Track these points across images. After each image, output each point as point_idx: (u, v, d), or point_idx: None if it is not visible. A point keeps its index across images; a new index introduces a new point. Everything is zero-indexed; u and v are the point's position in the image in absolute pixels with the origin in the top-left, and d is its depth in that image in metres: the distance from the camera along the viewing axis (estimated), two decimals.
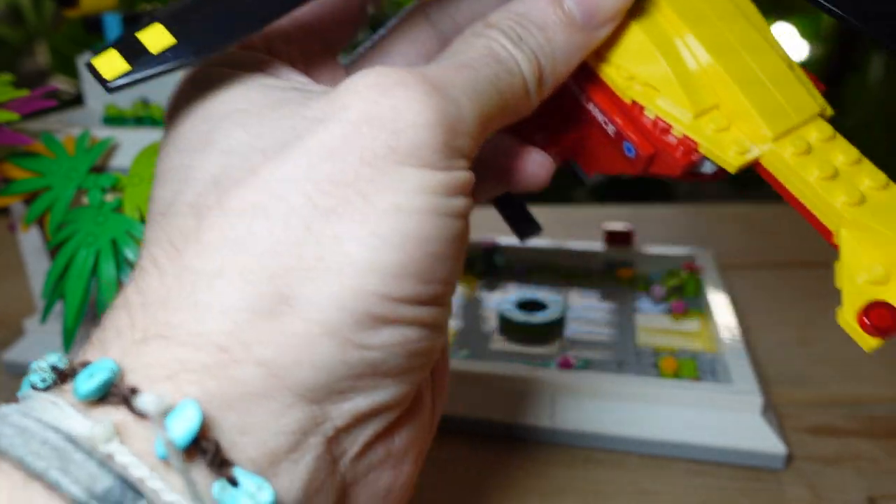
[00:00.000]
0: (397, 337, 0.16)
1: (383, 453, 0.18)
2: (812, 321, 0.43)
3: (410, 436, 0.18)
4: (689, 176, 0.20)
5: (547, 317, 0.40)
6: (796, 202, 0.18)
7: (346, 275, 0.15)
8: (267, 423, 0.15)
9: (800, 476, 0.30)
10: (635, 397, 0.31)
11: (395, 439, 0.18)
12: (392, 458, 0.18)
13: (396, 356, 0.16)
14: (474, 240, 0.50)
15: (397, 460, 0.18)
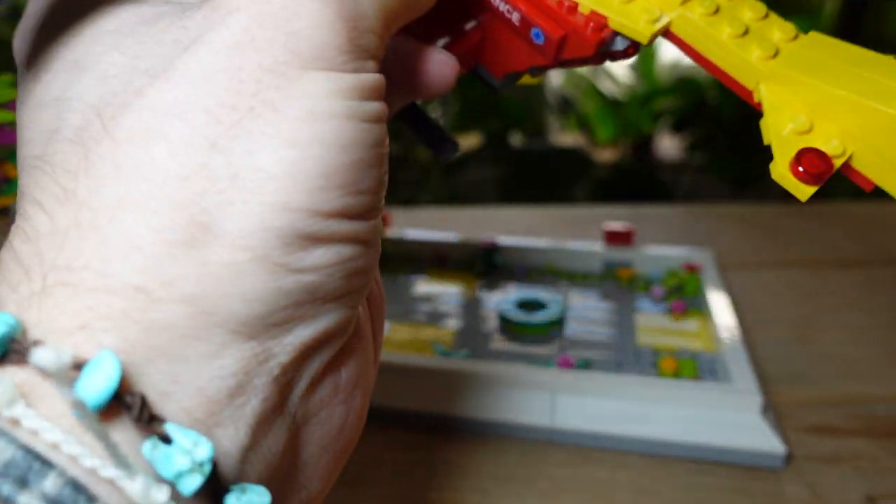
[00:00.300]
0: (332, 256, 0.14)
1: (332, 388, 0.16)
2: (811, 321, 0.43)
3: (357, 367, 0.17)
4: (601, 58, 0.19)
5: (547, 317, 0.40)
6: (713, 66, 0.18)
7: (266, 192, 0.13)
8: (200, 367, 0.13)
9: (799, 475, 0.30)
10: (635, 397, 0.31)
11: (342, 372, 0.17)
12: (341, 393, 0.17)
13: (334, 278, 0.15)
14: (475, 240, 0.50)
15: (347, 394, 0.17)
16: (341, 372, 0.17)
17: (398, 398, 0.33)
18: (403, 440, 0.32)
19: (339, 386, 0.17)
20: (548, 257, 0.49)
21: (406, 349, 0.38)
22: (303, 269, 0.14)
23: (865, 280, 0.49)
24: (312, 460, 0.17)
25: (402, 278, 0.48)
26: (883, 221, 0.61)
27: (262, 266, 0.14)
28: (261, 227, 0.13)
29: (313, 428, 0.16)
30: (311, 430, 0.16)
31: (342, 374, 0.17)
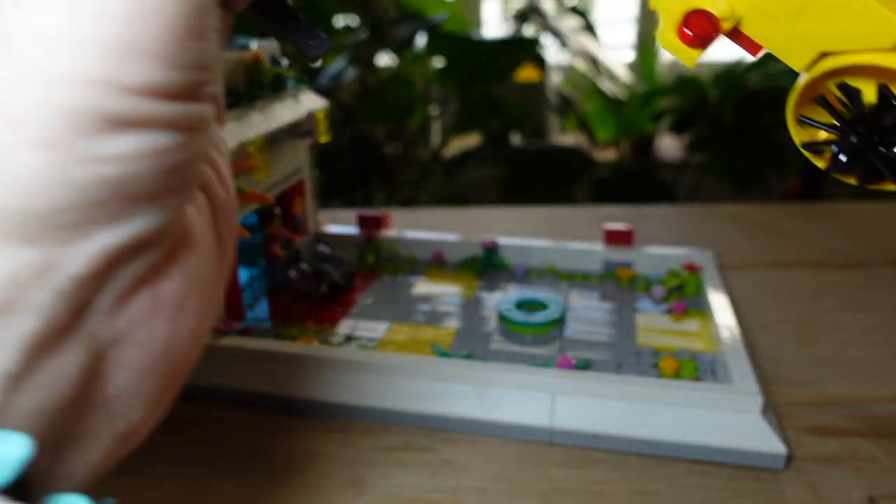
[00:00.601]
0: (143, 144, 0.12)
1: (150, 304, 0.14)
2: (812, 321, 0.43)
3: (185, 281, 0.15)
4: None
5: (546, 317, 0.40)
6: None
7: (51, 56, 0.11)
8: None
9: (800, 476, 0.30)
10: (635, 397, 0.31)
11: (163, 286, 0.14)
12: (165, 309, 0.15)
13: (146, 172, 0.12)
14: (474, 240, 0.50)
15: (173, 310, 0.15)
16: (161, 286, 0.14)
17: (397, 398, 0.33)
18: (402, 441, 0.32)
19: (160, 302, 0.14)
20: (548, 257, 0.49)
21: (406, 349, 0.38)
22: (103, 159, 0.11)
23: (866, 280, 0.49)
24: (129, 386, 0.14)
25: (402, 278, 0.47)
26: (883, 221, 0.61)
27: (50, 152, 0.11)
28: (46, 102, 0.11)
29: (127, 350, 0.14)
30: (124, 353, 0.14)
31: (163, 287, 0.14)
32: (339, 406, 0.33)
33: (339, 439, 0.32)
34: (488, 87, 1.49)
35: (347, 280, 0.46)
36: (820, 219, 0.62)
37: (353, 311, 0.43)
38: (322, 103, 0.46)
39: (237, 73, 0.40)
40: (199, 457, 0.31)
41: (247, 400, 0.35)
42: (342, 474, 0.30)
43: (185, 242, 0.15)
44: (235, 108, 0.38)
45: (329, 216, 0.63)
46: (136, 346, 0.14)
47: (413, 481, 0.30)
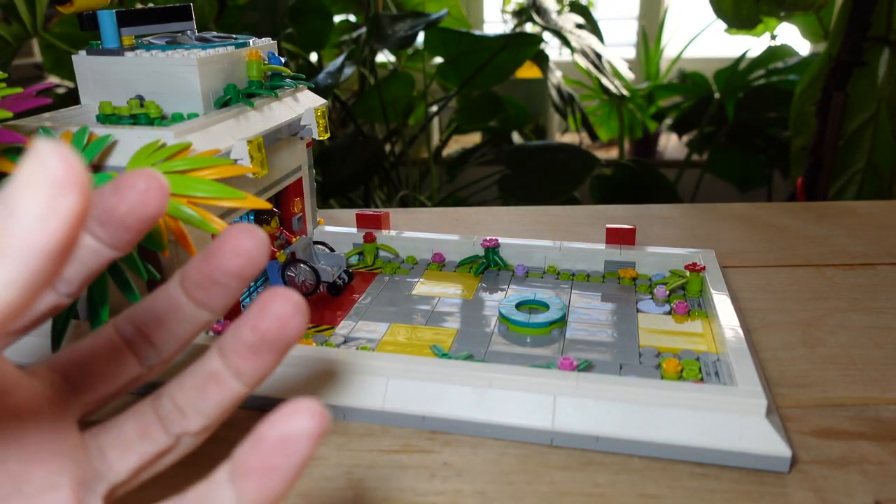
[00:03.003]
0: None
1: None
2: (817, 322, 0.43)
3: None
4: None
5: (548, 318, 0.39)
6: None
7: None
8: None
9: (805, 479, 0.29)
10: (637, 399, 0.31)
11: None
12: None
13: None
14: (475, 239, 0.49)
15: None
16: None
17: (397, 400, 0.33)
18: (401, 443, 0.32)
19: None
20: (549, 257, 0.48)
21: (405, 350, 0.38)
22: None
23: (871, 281, 0.48)
24: None
25: (402, 278, 0.47)
26: (889, 221, 0.61)
27: None
28: None
29: None
30: None
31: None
32: (337, 408, 0.33)
33: (337, 441, 0.32)
34: (489, 86, 1.48)
35: (346, 280, 0.46)
36: (825, 218, 0.62)
37: (352, 312, 0.42)
38: (321, 102, 0.45)
39: (237, 72, 0.39)
40: (198, 458, 0.31)
41: (246, 402, 0.34)
42: (341, 477, 0.30)
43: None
44: (234, 106, 0.38)
45: (328, 216, 0.63)
46: None
47: (412, 484, 0.29)
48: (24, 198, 0.14)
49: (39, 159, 0.14)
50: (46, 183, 0.14)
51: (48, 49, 1.30)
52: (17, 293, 0.14)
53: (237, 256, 0.21)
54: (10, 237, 0.14)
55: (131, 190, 0.19)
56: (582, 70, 1.84)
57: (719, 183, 1.86)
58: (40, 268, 0.14)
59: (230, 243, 0.20)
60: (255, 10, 1.23)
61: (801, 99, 1.15)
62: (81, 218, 0.14)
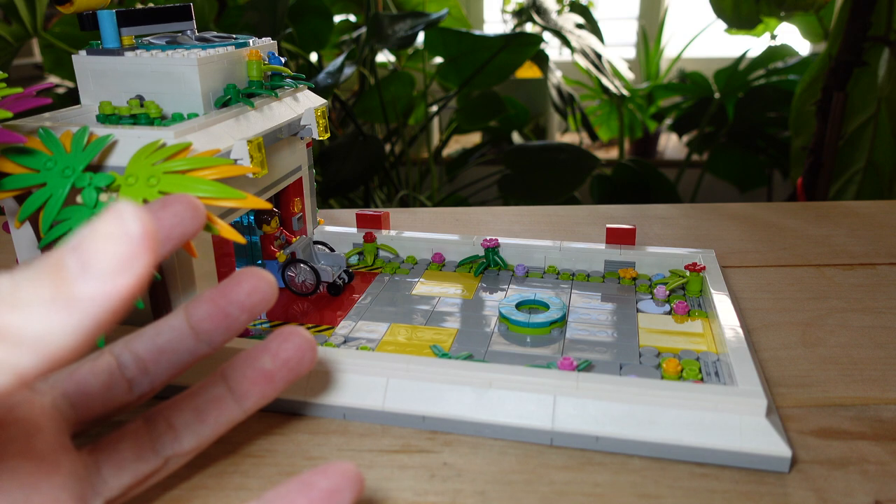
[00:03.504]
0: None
1: None
2: (817, 322, 0.43)
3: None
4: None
5: (548, 318, 0.39)
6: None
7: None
8: None
9: (805, 479, 0.29)
10: (637, 399, 0.31)
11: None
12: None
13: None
14: (475, 239, 0.49)
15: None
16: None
17: (397, 400, 0.33)
18: (401, 443, 0.32)
19: None
20: (549, 257, 0.48)
21: (405, 350, 0.38)
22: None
23: (871, 281, 0.48)
24: None
25: (402, 278, 0.47)
26: (889, 221, 0.61)
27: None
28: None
29: None
30: None
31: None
32: (337, 408, 0.33)
33: (337, 441, 0.32)
34: (489, 86, 1.48)
35: (346, 280, 0.46)
36: (825, 218, 0.62)
37: (352, 312, 0.42)
38: (321, 102, 0.45)
39: (237, 72, 0.39)
40: (198, 459, 0.31)
41: None
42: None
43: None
44: (234, 106, 0.38)
45: (328, 216, 0.63)
46: None
47: (412, 484, 0.29)
48: (100, 252, 0.14)
49: (120, 218, 0.15)
50: (125, 242, 0.14)
51: (48, 49, 1.30)
52: (77, 342, 0.14)
53: (253, 293, 0.23)
54: (82, 288, 0.14)
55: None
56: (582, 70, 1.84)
57: (719, 183, 1.86)
58: (103, 320, 0.15)
59: (249, 282, 0.23)
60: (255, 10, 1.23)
61: (801, 99, 1.15)
62: (147, 278, 0.15)
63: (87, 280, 0.14)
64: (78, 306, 0.14)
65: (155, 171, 0.29)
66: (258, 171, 0.34)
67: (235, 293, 0.23)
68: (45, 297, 0.14)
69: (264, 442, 0.32)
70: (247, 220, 0.44)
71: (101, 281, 0.14)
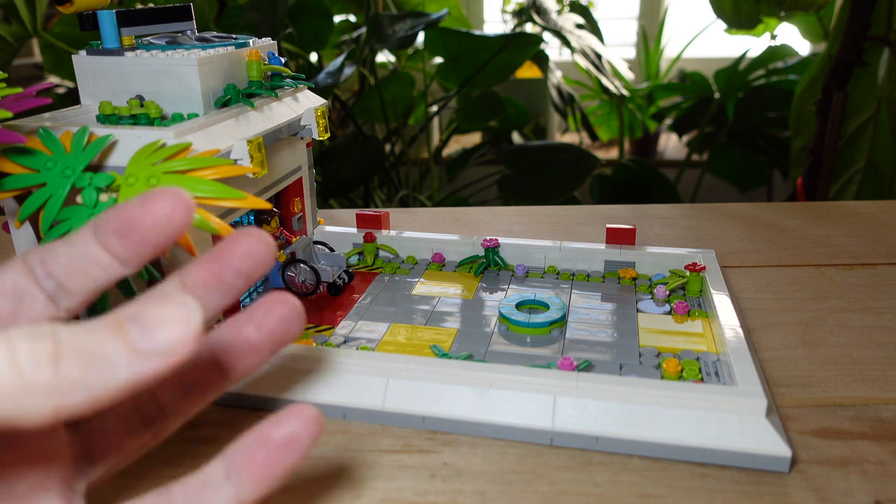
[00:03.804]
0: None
1: None
2: (817, 322, 0.43)
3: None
4: None
5: (548, 318, 0.39)
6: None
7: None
8: None
9: (805, 479, 0.29)
10: (637, 399, 0.31)
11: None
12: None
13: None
14: (475, 239, 0.49)
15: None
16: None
17: (397, 400, 0.33)
18: (401, 443, 0.32)
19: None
20: (549, 257, 0.48)
21: (405, 350, 0.38)
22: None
23: (871, 281, 0.48)
24: None
25: (402, 278, 0.47)
26: (889, 221, 0.61)
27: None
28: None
29: None
30: None
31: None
32: (337, 407, 0.33)
33: (337, 441, 0.32)
34: (489, 86, 1.48)
35: (346, 280, 0.46)
36: (825, 218, 0.62)
37: (352, 312, 0.42)
38: (321, 102, 0.45)
39: (237, 72, 0.39)
40: (198, 459, 0.31)
41: (245, 402, 0.34)
42: (341, 477, 0.30)
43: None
44: (234, 106, 0.38)
45: (328, 216, 0.63)
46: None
47: (413, 484, 0.29)
48: (161, 330, 0.17)
49: (188, 310, 0.17)
50: (182, 329, 0.17)
51: (48, 49, 1.30)
52: (96, 402, 0.16)
53: (248, 257, 0.22)
54: (143, 346, 0.16)
55: (159, 205, 0.20)
56: (582, 70, 1.84)
57: (719, 183, 1.86)
58: (127, 390, 0.17)
59: (243, 245, 0.22)
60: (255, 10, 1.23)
61: (801, 99, 1.15)
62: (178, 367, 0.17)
63: (141, 349, 0.16)
64: (129, 367, 0.16)
65: (155, 171, 0.29)
66: (258, 171, 0.34)
67: (230, 258, 0.22)
68: (104, 348, 0.16)
69: None
70: (247, 220, 0.44)
71: (154, 355, 0.16)
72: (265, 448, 0.20)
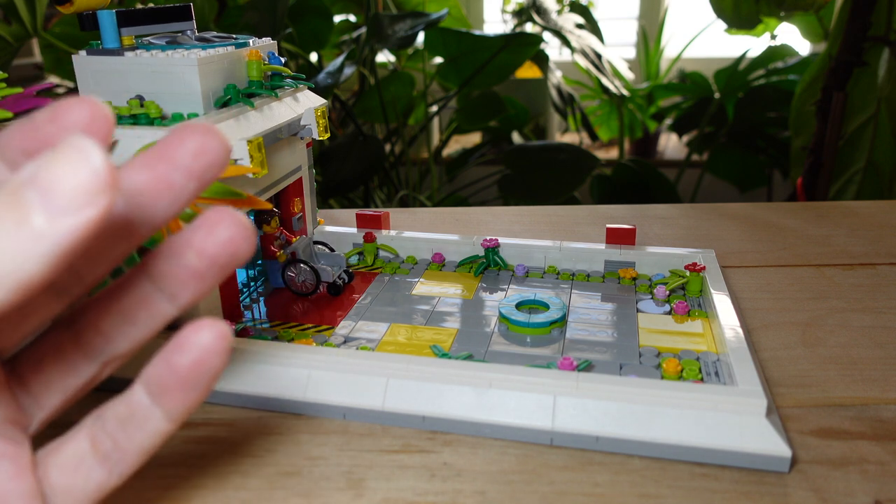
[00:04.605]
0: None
1: None
2: (817, 322, 0.43)
3: None
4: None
5: (548, 318, 0.39)
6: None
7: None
8: None
9: (805, 479, 0.29)
10: (637, 399, 0.31)
11: None
12: None
13: None
14: (475, 239, 0.49)
15: None
16: None
17: (397, 400, 0.33)
18: (401, 443, 0.32)
19: None
20: (549, 257, 0.48)
21: (405, 350, 0.38)
22: None
23: (871, 281, 0.48)
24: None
25: (402, 278, 0.47)
26: (889, 221, 0.61)
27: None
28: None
29: None
30: None
31: None
32: (337, 407, 0.33)
33: (337, 441, 0.32)
34: (489, 86, 1.48)
35: (346, 280, 0.46)
36: (825, 218, 0.62)
37: (352, 312, 0.42)
38: (321, 102, 0.45)
39: (237, 72, 0.39)
40: (198, 459, 0.31)
41: (245, 402, 0.34)
42: (341, 477, 0.30)
43: None
44: (234, 106, 0.38)
45: (328, 216, 0.63)
46: None
47: (412, 484, 0.29)
48: (61, 183, 0.14)
49: (80, 150, 0.14)
50: (89, 179, 0.14)
51: (48, 49, 1.30)
52: (44, 272, 0.14)
53: (201, 155, 0.19)
54: (44, 222, 0.14)
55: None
56: (582, 70, 1.84)
57: (719, 183, 1.86)
58: (68, 251, 0.14)
59: (194, 141, 0.19)
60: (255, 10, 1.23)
61: (801, 99, 1.15)
62: (105, 220, 0.15)
63: (49, 214, 0.14)
64: (43, 239, 0.14)
65: None
66: (258, 171, 0.34)
67: (180, 155, 0.18)
68: (6, 231, 0.14)
69: (264, 442, 0.32)
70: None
71: (64, 215, 0.14)
72: (177, 376, 0.20)
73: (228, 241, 0.20)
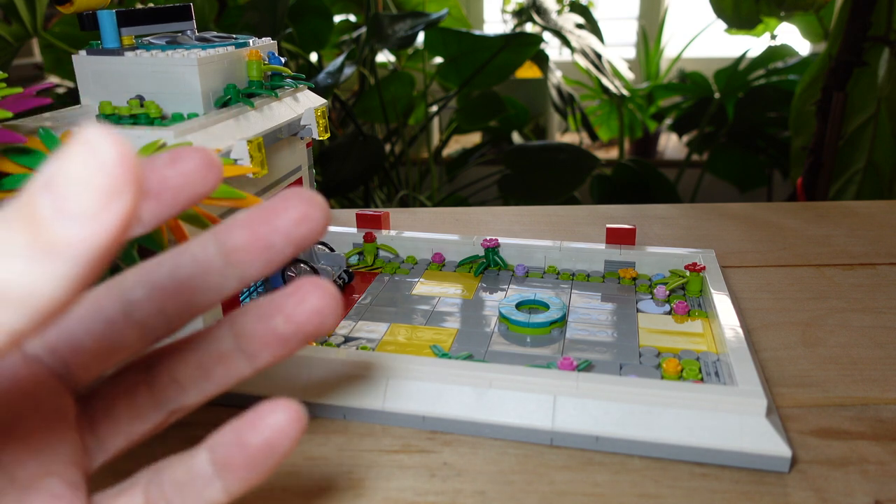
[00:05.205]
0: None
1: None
2: (817, 322, 0.43)
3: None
4: None
5: (548, 318, 0.39)
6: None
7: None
8: None
9: (805, 479, 0.29)
10: (637, 399, 0.31)
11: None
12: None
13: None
14: (475, 239, 0.49)
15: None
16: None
17: (397, 400, 0.33)
18: (401, 443, 0.32)
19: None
20: (549, 257, 0.48)
21: (405, 350, 0.38)
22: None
23: (871, 281, 0.48)
24: None
25: (402, 278, 0.47)
26: (889, 221, 0.61)
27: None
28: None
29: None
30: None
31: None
32: (337, 407, 0.33)
33: (337, 441, 0.32)
34: (489, 86, 1.48)
35: (346, 280, 0.46)
36: (825, 218, 0.62)
37: (352, 312, 0.42)
38: (321, 102, 0.45)
39: (237, 72, 0.39)
40: None
41: (245, 403, 0.34)
42: (341, 477, 0.30)
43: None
44: (234, 106, 0.38)
45: None
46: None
47: (412, 484, 0.29)
48: (75, 188, 0.12)
49: (91, 146, 0.13)
50: (101, 174, 0.13)
51: (48, 49, 1.30)
52: (67, 292, 0.13)
53: (303, 223, 0.19)
54: (61, 233, 0.13)
55: (189, 162, 0.18)
56: (582, 70, 1.84)
57: (719, 183, 1.86)
58: (91, 265, 0.13)
59: (299, 208, 0.19)
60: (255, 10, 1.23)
61: (801, 99, 1.15)
62: (134, 217, 0.13)
63: (64, 223, 0.13)
64: (60, 253, 0.13)
65: None
66: (258, 171, 0.34)
67: (282, 220, 0.18)
68: (21, 247, 0.12)
69: None
70: None
71: (81, 223, 0.13)
72: (245, 453, 0.19)
73: (317, 312, 0.20)
